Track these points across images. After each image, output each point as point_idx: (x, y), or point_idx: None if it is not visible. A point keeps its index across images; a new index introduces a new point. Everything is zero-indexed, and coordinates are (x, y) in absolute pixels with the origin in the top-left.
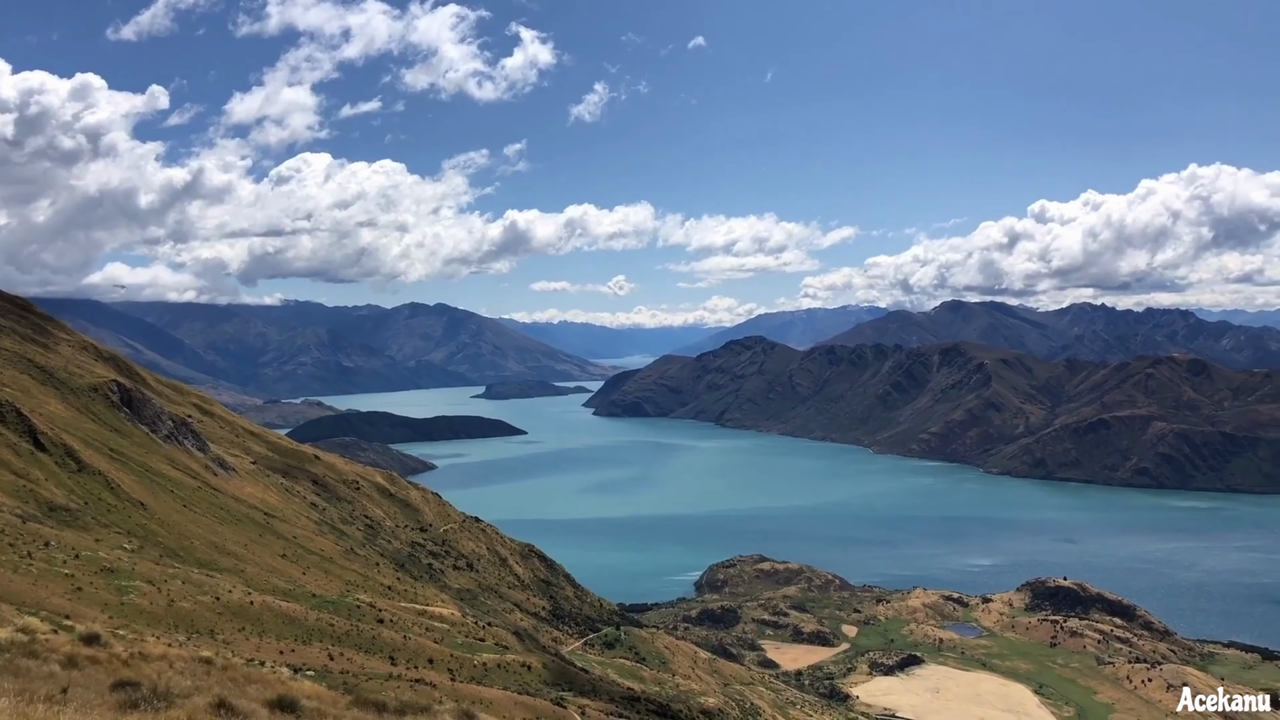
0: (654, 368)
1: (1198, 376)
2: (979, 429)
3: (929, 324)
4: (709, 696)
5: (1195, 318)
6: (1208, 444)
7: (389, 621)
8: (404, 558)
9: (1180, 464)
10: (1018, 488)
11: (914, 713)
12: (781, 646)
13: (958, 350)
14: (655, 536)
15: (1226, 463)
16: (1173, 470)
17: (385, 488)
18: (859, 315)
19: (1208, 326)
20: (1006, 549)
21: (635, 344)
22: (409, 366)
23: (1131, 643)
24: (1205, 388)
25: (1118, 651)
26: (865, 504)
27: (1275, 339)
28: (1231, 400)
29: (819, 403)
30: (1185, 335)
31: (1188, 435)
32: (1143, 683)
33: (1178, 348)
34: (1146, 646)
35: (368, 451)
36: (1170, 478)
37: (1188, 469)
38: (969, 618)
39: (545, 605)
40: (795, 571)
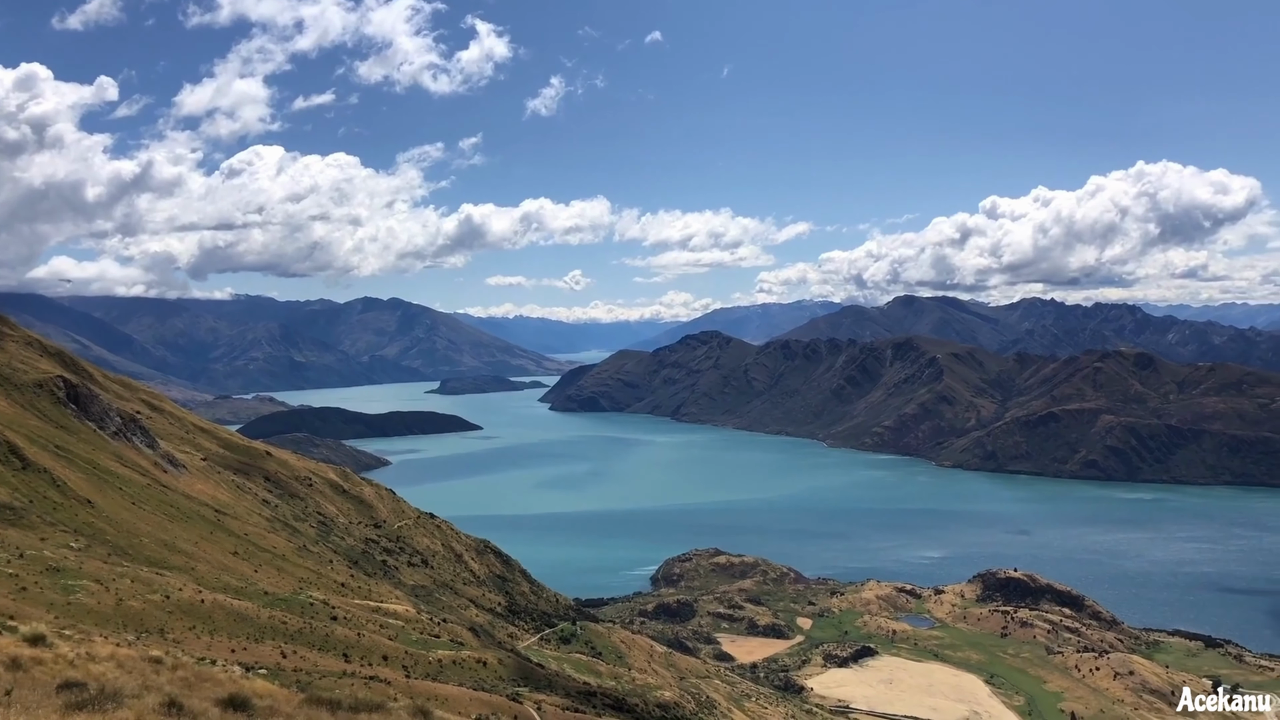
0: (610, 363)
1: (1144, 370)
2: (931, 422)
3: (882, 319)
4: (665, 690)
5: (1142, 312)
6: (1154, 437)
7: (343, 619)
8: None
9: (1127, 456)
10: (969, 480)
11: (867, 704)
12: (737, 639)
13: (910, 345)
14: (611, 531)
15: (1172, 455)
16: (1120, 462)
17: (338, 484)
18: (813, 310)
19: (1154, 321)
20: (957, 541)
21: (591, 339)
22: (362, 362)
23: (1080, 632)
24: (1152, 381)
25: (1067, 641)
26: (819, 497)
27: (1219, 333)
28: (1177, 394)
29: (774, 397)
30: (1132, 330)
31: (1134, 428)
32: (1090, 671)
33: (1125, 342)
34: (1094, 636)
35: (320, 447)
36: (1118, 470)
37: (1134, 461)
38: (922, 609)
39: (501, 601)
40: (751, 565)
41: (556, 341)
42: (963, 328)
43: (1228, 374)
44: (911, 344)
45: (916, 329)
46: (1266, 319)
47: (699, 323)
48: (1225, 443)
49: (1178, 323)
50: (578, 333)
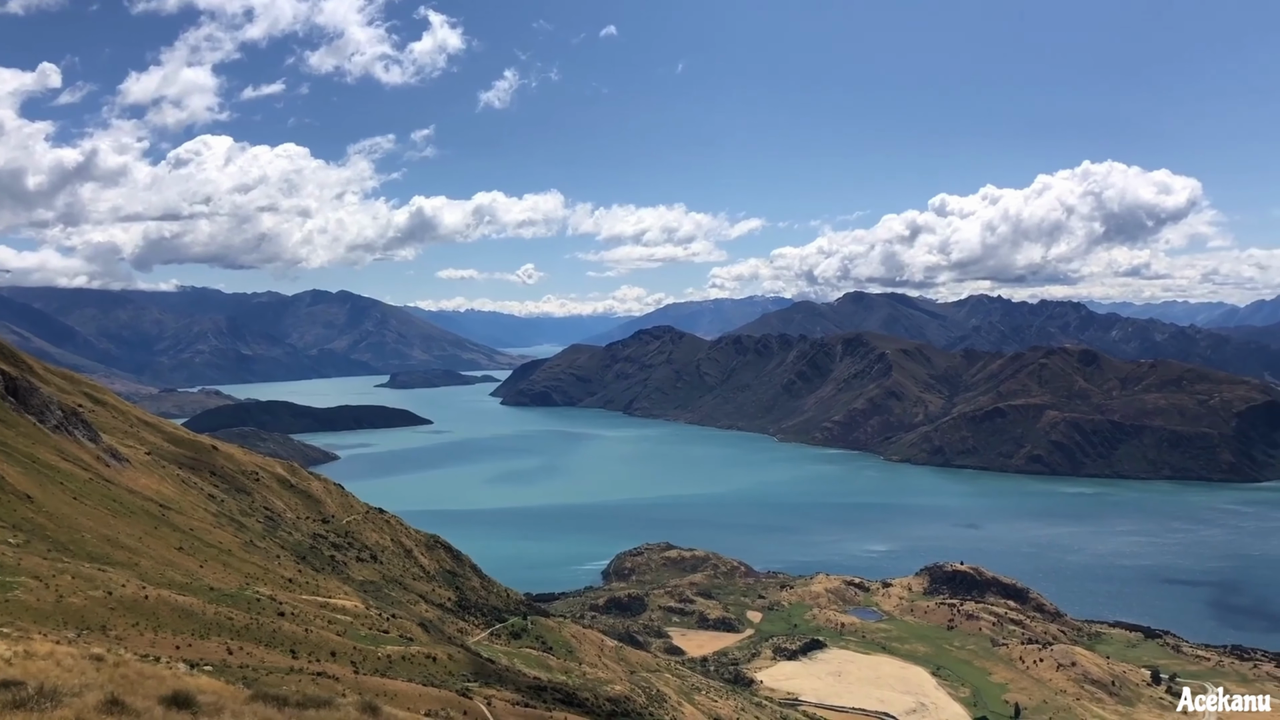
0: (563, 357)
1: (1088, 367)
2: (880, 417)
3: (833, 314)
4: (615, 684)
5: (1086, 310)
6: (1097, 432)
7: (290, 614)
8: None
9: (1071, 451)
10: (916, 475)
11: (816, 696)
12: (688, 633)
13: (860, 340)
14: (563, 526)
15: (1114, 450)
16: (1064, 457)
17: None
18: (765, 306)
19: (1098, 318)
20: (904, 534)
21: (544, 333)
22: (310, 355)
23: (1024, 624)
24: (1095, 378)
25: (1011, 633)
26: (769, 491)
27: (1161, 330)
28: (1120, 390)
29: (726, 392)
30: (1077, 326)
31: (1078, 423)
32: (1035, 663)
33: (1070, 339)
34: (1038, 628)
35: (268, 442)
36: (1062, 464)
37: (1078, 456)
38: (870, 602)
39: (451, 596)
40: (702, 559)
41: (508, 335)
42: (911, 324)
43: (1168, 371)
44: (861, 340)
45: (866, 325)
46: (1206, 317)
47: (652, 317)
48: (1166, 438)
49: (1121, 320)
50: (530, 327)
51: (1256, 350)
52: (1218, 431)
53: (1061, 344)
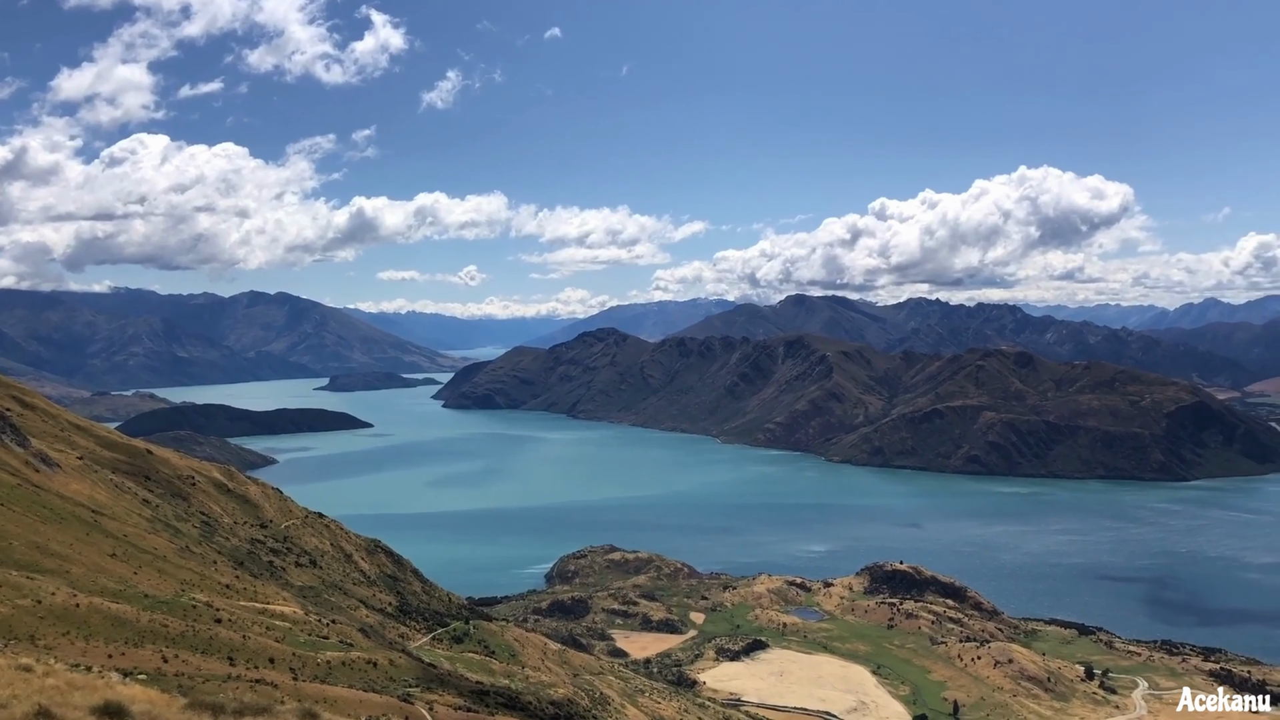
0: (506, 359)
1: (1024, 369)
2: (821, 419)
3: (775, 317)
4: (558, 687)
5: (1022, 312)
6: (1033, 432)
7: (227, 621)
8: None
9: (1008, 451)
10: (856, 475)
11: (759, 696)
12: (631, 635)
13: (802, 343)
14: (505, 529)
15: (1049, 450)
16: (1001, 458)
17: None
18: (709, 308)
19: (1033, 321)
20: (845, 534)
21: (486, 335)
22: (248, 357)
23: (963, 622)
24: (1031, 379)
25: (950, 631)
26: (712, 493)
27: (1094, 333)
28: (1054, 391)
29: (670, 394)
30: (1013, 329)
31: (1015, 424)
32: (972, 660)
33: (1006, 341)
34: (976, 626)
35: (204, 445)
36: (999, 465)
37: (1014, 456)
38: (811, 602)
39: (392, 601)
40: (645, 561)
41: (450, 338)
42: (852, 326)
43: (1101, 372)
44: (803, 342)
45: (808, 327)
46: (1137, 319)
47: (595, 320)
48: (1099, 438)
49: (1055, 323)
50: (472, 329)
51: (1185, 352)
52: (1148, 432)
53: (998, 346)
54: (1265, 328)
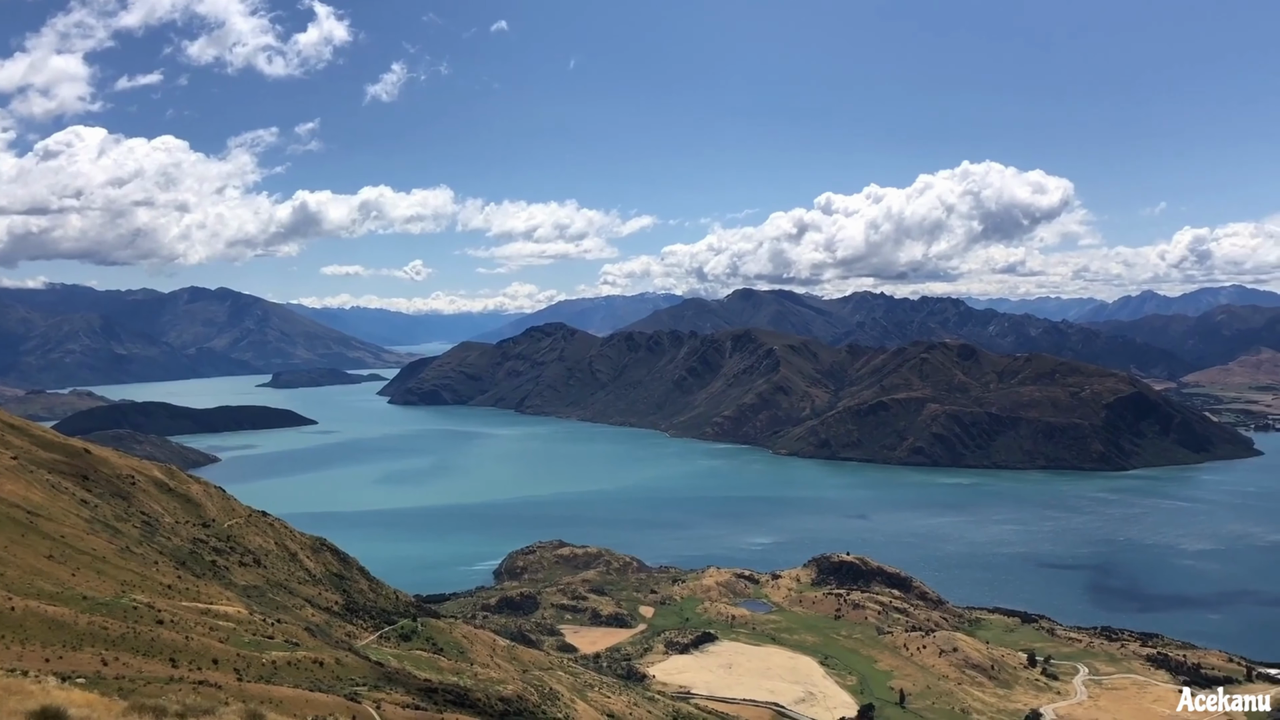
0: (452, 355)
1: (967, 361)
2: (768, 412)
3: (722, 311)
4: (508, 684)
5: (965, 305)
6: (976, 424)
7: (169, 622)
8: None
9: (951, 443)
10: (803, 468)
11: (708, 689)
12: (581, 630)
13: (749, 337)
14: (453, 526)
15: (992, 441)
16: (945, 449)
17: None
18: (656, 303)
19: (976, 314)
20: (792, 527)
21: (433, 330)
22: (189, 354)
23: (908, 612)
24: (974, 371)
25: (896, 621)
26: (661, 487)
27: (1035, 326)
28: (997, 383)
29: (618, 388)
30: (956, 322)
31: (958, 416)
32: (918, 649)
33: (949, 334)
34: (922, 615)
35: (144, 444)
36: (943, 456)
37: (958, 448)
38: (759, 594)
39: (338, 600)
40: (594, 555)
41: (396, 333)
42: (798, 320)
43: (1042, 364)
44: (750, 336)
45: (755, 321)
46: (1077, 312)
47: (543, 314)
48: (1040, 429)
49: (998, 315)
50: (418, 324)
51: (1123, 344)
52: (1088, 422)
53: (942, 339)
54: (1199, 320)
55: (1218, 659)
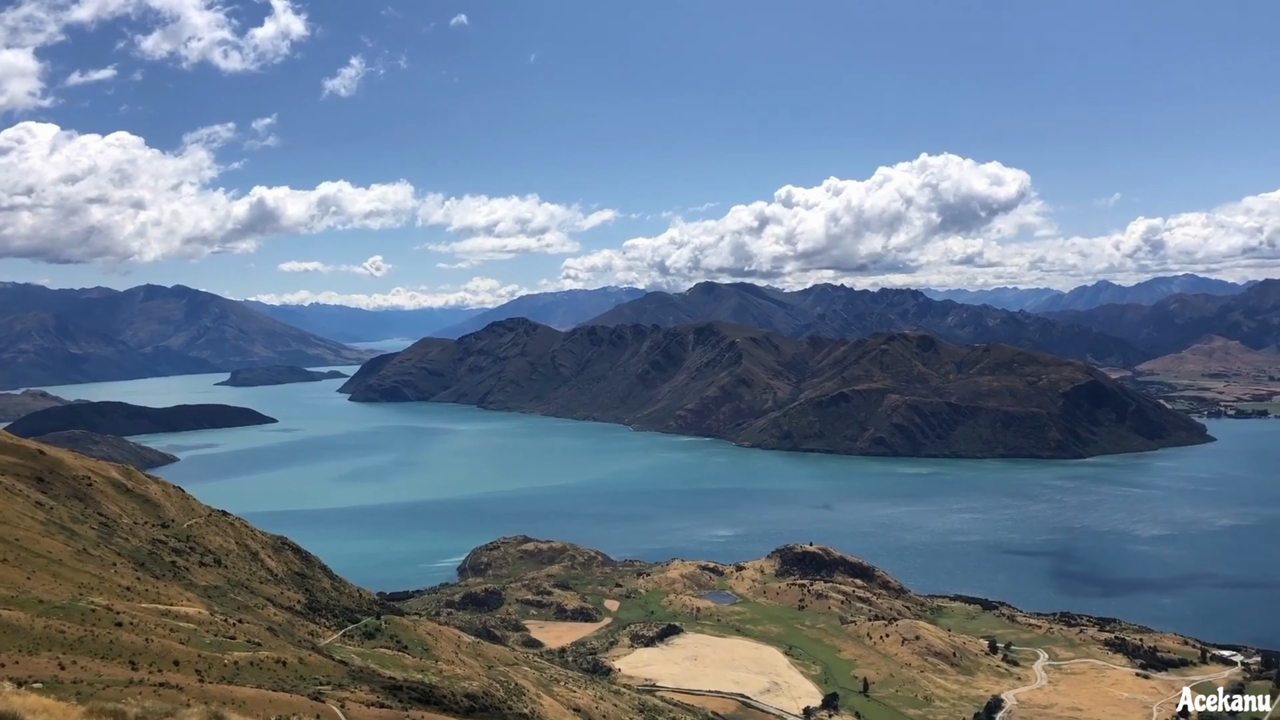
0: (413, 351)
1: (926, 352)
2: (731, 404)
3: (685, 304)
4: (472, 680)
5: (924, 297)
6: (936, 414)
7: (128, 624)
8: (144, 556)
9: (912, 433)
10: (766, 459)
11: (674, 681)
12: (546, 625)
13: (711, 330)
14: (416, 523)
15: (952, 430)
16: (905, 439)
17: (121, 483)
18: (619, 296)
19: (935, 305)
20: (756, 518)
21: (393, 326)
22: (145, 353)
23: (871, 601)
24: (933, 362)
25: (859, 610)
26: (625, 480)
27: (993, 316)
28: (956, 373)
29: (581, 383)
30: (915, 313)
31: (918, 406)
32: (881, 638)
33: (909, 325)
34: (884, 604)
35: (100, 444)
36: (903, 446)
37: (918, 437)
38: (724, 586)
39: (301, 599)
40: (559, 550)
41: (356, 330)
42: (760, 313)
43: (1000, 354)
44: (712, 329)
45: (717, 314)
46: (1034, 302)
47: (505, 309)
48: (999, 419)
49: (956, 306)
50: (378, 320)
51: (1080, 334)
52: (1046, 411)
53: (901, 330)
54: (1154, 309)
55: (1173, 642)
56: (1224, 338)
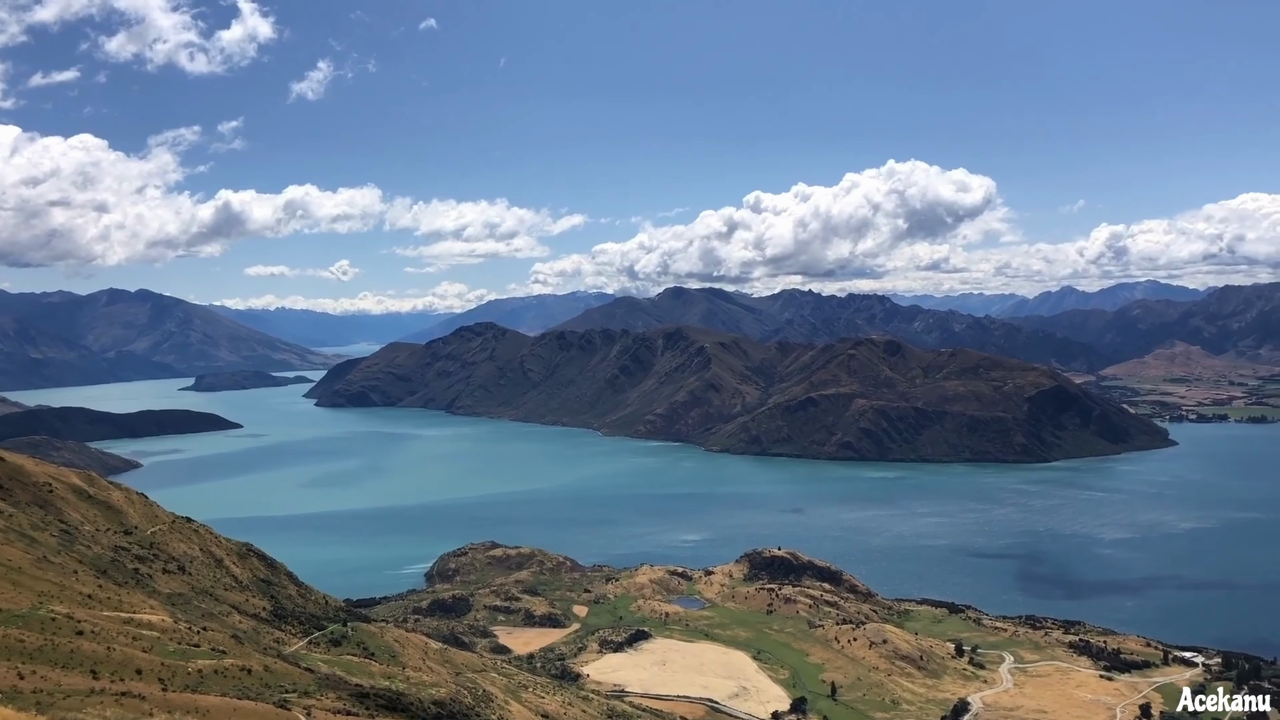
0: (381, 355)
1: (893, 356)
2: (700, 409)
3: (654, 309)
4: (440, 687)
5: (891, 302)
6: (902, 418)
7: (90, 633)
8: (106, 563)
9: (879, 437)
10: (734, 464)
11: (642, 686)
12: (514, 631)
13: (680, 334)
14: (384, 529)
15: (918, 435)
16: (872, 443)
17: (83, 489)
18: (588, 301)
19: (901, 310)
20: (725, 522)
21: (360, 331)
22: (108, 358)
23: (839, 605)
24: (900, 367)
25: (827, 614)
26: (594, 485)
27: (959, 321)
28: (922, 378)
29: (550, 387)
30: (882, 318)
31: (885, 410)
32: (849, 642)
33: (876, 330)
34: (852, 608)
35: (62, 450)
36: (870, 450)
37: (885, 442)
38: (693, 590)
39: (266, 606)
40: (527, 556)
41: (322, 334)
42: (728, 318)
43: (966, 359)
44: (681, 334)
45: (686, 319)
46: (999, 308)
47: (474, 314)
48: (965, 423)
49: (923, 312)
50: (345, 325)
51: (1044, 339)
52: (1011, 415)
53: (868, 335)
54: (1117, 314)
55: (1136, 644)
56: (1185, 343)
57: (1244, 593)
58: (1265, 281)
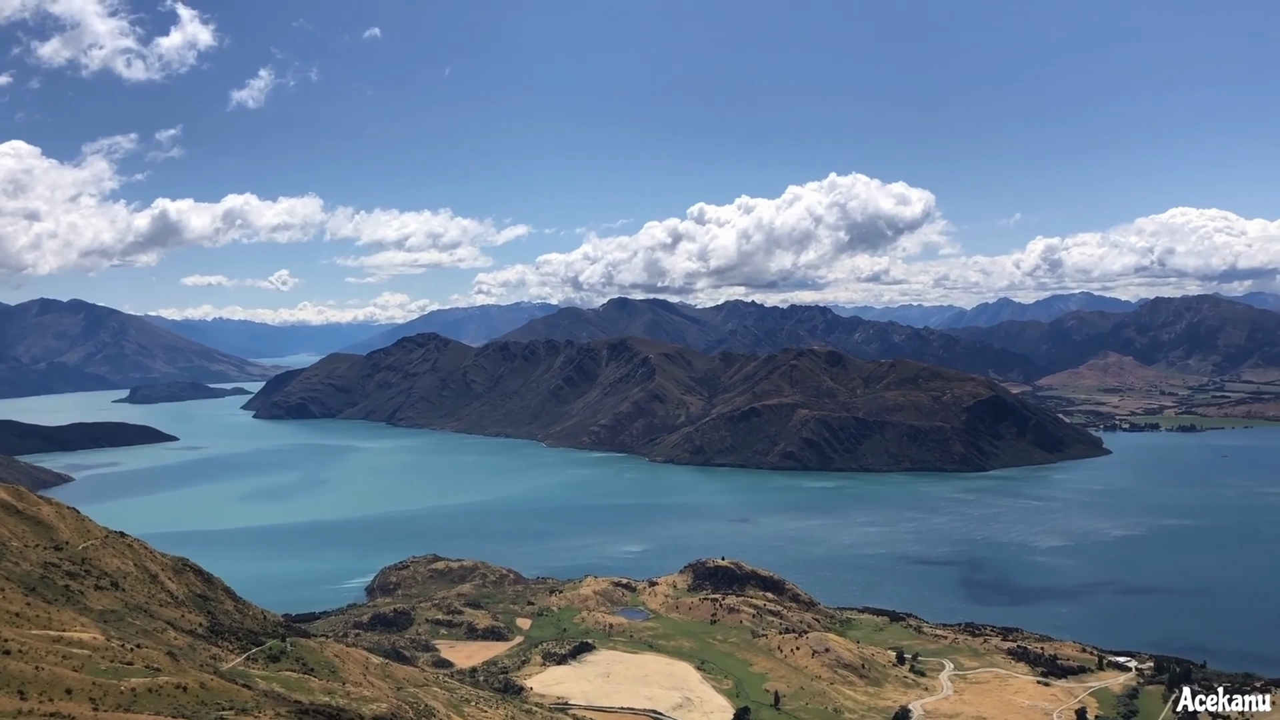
0: (321, 366)
1: (835, 367)
2: (644, 420)
3: (598, 320)
4: (381, 702)
5: (832, 314)
6: (844, 428)
7: (17, 652)
8: (35, 580)
9: (821, 447)
10: (677, 474)
11: (586, 699)
12: (456, 645)
13: (625, 345)
14: (323, 542)
15: (859, 445)
16: (814, 453)
17: (11, 504)
18: (532, 312)
19: (843, 322)
20: (668, 533)
21: (300, 342)
22: (38, 369)
23: (782, 614)
24: (841, 377)
25: (770, 624)
26: (537, 497)
27: (899, 332)
28: (863, 388)
29: (493, 399)
30: (824, 329)
31: (827, 421)
32: (792, 651)
33: (818, 341)
34: (795, 617)
35: None
36: (813, 460)
37: (827, 451)
38: (637, 602)
39: (203, 622)
40: (470, 569)
41: (261, 345)
42: (673, 328)
43: (906, 370)
44: (626, 344)
45: (630, 330)
46: (938, 319)
47: (416, 324)
48: (905, 433)
49: (863, 323)
50: (284, 336)
51: (981, 349)
52: (950, 425)
53: (810, 346)
54: (1052, 325)
55: (1072, 649)
56: (1118, 353)
57: (1175, 598)
58: (1194, 294)
